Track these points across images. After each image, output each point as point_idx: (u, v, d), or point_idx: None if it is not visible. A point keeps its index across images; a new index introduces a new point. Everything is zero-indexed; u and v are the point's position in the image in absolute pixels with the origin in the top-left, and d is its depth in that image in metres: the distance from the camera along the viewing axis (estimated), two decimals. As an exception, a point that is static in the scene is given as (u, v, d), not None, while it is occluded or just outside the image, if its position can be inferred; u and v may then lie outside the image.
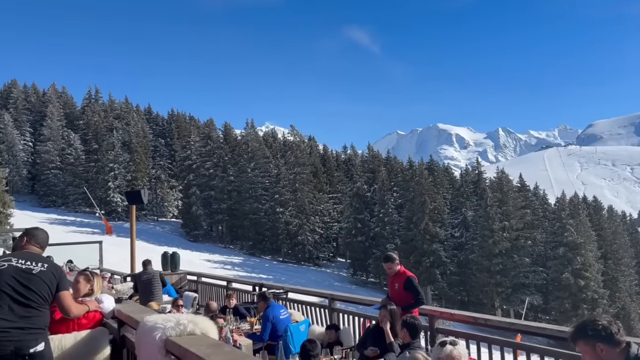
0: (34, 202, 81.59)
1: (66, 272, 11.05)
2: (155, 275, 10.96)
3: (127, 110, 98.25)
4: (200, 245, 73.77)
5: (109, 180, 79.44)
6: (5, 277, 3.42)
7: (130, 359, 4.07)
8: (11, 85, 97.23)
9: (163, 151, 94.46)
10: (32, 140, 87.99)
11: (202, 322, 3.09)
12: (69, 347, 3.96)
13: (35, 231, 3.95)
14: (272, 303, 7.74)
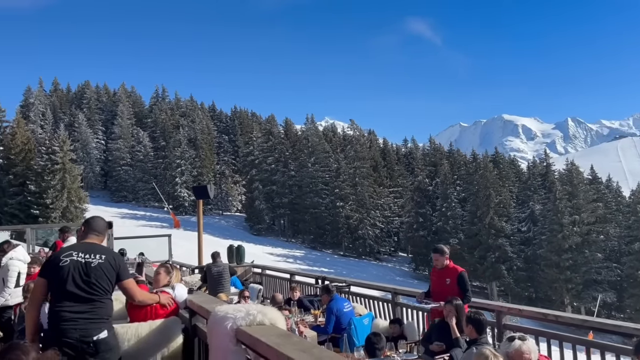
0: (106, 197, 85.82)
1: (137, 263, 11.58)
2: (225, 268, 11.30)
3: (192, 108, 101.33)
4: (263, 239, 75.16)
5: (176, 176, 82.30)
6: (68, 272, 3.63)
7: (202, 348, 4.22)
8: (84, 86, 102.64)
9: (227, 147, 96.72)
10: (104, 139, 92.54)
11: (270, 313, 3.16)
12: (144, 335, 4.16)
13: (92, 220, 4.10)
14: (335, 296, 7.80)
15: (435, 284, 6.97)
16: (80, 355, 3.50)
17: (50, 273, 3.68)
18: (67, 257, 3.67)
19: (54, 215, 56.81)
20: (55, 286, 3.66)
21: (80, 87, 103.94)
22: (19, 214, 57.00)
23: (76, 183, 61.99)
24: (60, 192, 59.13)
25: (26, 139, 64.44)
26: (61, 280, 3.61)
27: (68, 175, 60.46)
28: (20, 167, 60.94)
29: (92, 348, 3.54)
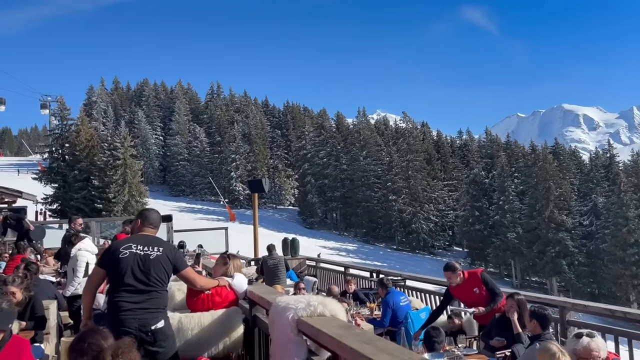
0: (165, 191, 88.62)
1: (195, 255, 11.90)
2: (281, 260, 11.47)
3: (246, 103, 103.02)
4: (315, 232, 75.61)
5: (231, 170, 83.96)
6: (128, 264, 3.75)
7: (262, 338, 4.29)
8: (143, 84, 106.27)
9: (279, 142, 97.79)
10: (163, 135, 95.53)
11: (331, 304, 3.18)
12: (206, 325, 4.27)
13: (148, 213, 4.21)
14: (392, 289, 7.76)
15: (465, 298, 6.70)
16: (139, 344, 3.64)
17: (110, 264, 3.82)
18: (127, 250, 3.79)
19: (116, 209, 59.17)
20: (115, 277, 3.80)
21: (139, 85, 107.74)
22: (84, 207, 59.64)
23: (137, 178, 64.29)
24: (121, 186, 61.51)
25: (90, 136, 67.28)
26: (121, 272, 3.73)
27: (129, 170, 62.80)
28: (85, 162, 63.72)
29: (151, 337, 3.66)
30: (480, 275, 6.50)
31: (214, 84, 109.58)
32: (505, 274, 66.49)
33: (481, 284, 6.41)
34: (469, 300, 6.60)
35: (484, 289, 6.38)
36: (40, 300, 5.51)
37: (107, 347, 2.39)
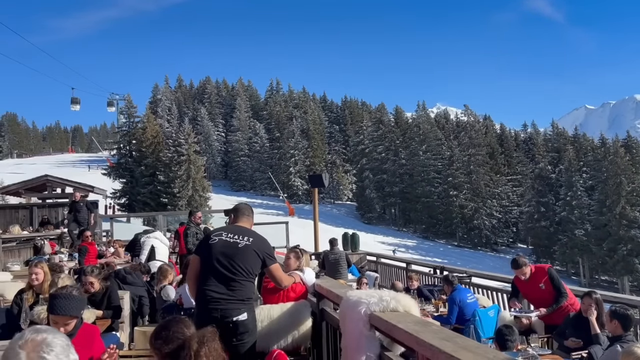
0: (227, 186, 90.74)
1: None
2: (342, 255, 11.45)
3: (304, 99, 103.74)
4: (374, 228, 75.25)
5: (290, 165, 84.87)
6: (215, 251, 3.77)
7: (330, 332, 4.28)
8: (206, 82, 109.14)
9: (337, 137, 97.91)
10: (224, 131, 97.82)
11: (404, 300, 3.12)
12: (276, 317, 4.30)
13: (241, 206, 4.26)
14: (458, 286, 7.57)
15: (529, 293, 6.51)
16: (220, 335, 3.68)
17: (202, 250, 3.89)
18: (217, 237, 3.85)
19: (181, 204, 61.15)
20: (203, 263, 3.84)
21: (201, 82, 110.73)
22: (150, 202, 62.03)
23: (200, 173, 66.17)
24: (185, 181, 63.50)
25: (155, 132, 69.81)
26: (208, 257, 3.78)
27: (192, 166, 64.71)
28: (151, 158, 66.20)
29: (233, 328, 3.66)
30: (548, 271, 6.32)
31: (273, 80, 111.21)
32: (572, 272, 63.76)
33: (548, 280, 6.23)
34: (533, 295, 6.44)
35: (550, 285, 6.20)
36: (117, 290, 5.73)
37: (192, 335, 2.42)
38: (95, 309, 5.20)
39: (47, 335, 1.67)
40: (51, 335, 1.68)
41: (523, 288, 6.54)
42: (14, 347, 1.62)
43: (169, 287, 6.69)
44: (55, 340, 1.67)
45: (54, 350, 1.63)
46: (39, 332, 1.68)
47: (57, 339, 1.69)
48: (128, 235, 15.24)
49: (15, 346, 1.63)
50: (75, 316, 3.39)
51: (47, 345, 1.64)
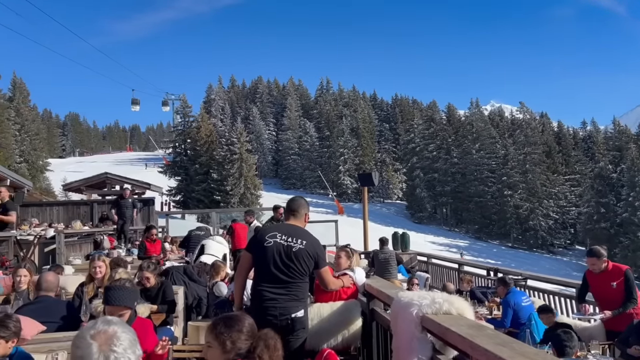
0: (277, 184, 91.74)
1: None
2: (392, 255, 11.34)
3: (354, 98, 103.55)
4: (424, 227, 74.23)
5: (339, 164, 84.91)
6: (270, 254, 3.82)
7: (380, 332, 4.23)
8: (257, 82, 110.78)
9: (387, 135, 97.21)
10: (275, 130, 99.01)
11: (457, 302, 3.04)
12: (326, 316, 4.30)
13: (295, 202, 4.23)
14: (513, 289, 7.35)
15: (598, 289, 6.16)
16: (278, 331, 3.72)
17: (256, 250, 3.93)
18: (271, 239, 3.87)
19: (233, 201, 62.33)
20: (259, 265, 3.91)
21: (253, 82, 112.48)
22: (204, 199, 63.56)
23: (251, 171, 67.25)
24: (238, 179, 64.66)
25: (209, 131, 71.43)
26: (264, 260, 3.83)
27: (244, 164, 65.82)
28: (205, 157, 67.79)
29: (290, 325, 3.74)
30: (625, 273, 5.95)
31: (323, 79, 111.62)
32: (635, 276, 60.75)
33: (622, 281, 5.89)
34: (602, 293, 6.12)
35: (622, 287, 5.86)
36: (171, 286, 5.88)
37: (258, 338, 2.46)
38: (151, 304, 5.34)
39: (117, 328, 1.73)
40: (120, 329, 1.74)
41: (593, 282, 6.22)
42: (85, 337, 1.68)
43: (221, 283, 6.81)
44: (124, 334, 1.73)
45: (123, 344, 1.69)
46: (109, 324, 1.75)
47: (126, 332, 1.75)
48: (183, 232, 15.65)
49: (86, 336, 1.69)
50: (128, 307, 3.51)
51: (117, 339, 1.70)
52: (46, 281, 4.47)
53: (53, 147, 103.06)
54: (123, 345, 1.70)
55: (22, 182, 17.38)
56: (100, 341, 1.68)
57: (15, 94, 71.15)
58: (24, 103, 72.46)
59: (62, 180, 51.12)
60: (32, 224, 12.39)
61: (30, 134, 67.37)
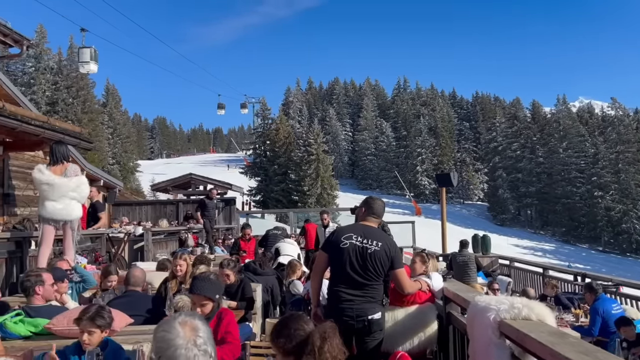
0: (353, 185, 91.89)
1: None
2: (471, 258, 11.02)
3: (432, 96, 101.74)
4: (507, 230, 71.56)
5: (416, 164, 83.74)
6: (346, 256, 3.80)
7: (457, 336, 4.14)
8: (334, 83, 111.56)
9: (467, 134, 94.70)
10: (351, 130, 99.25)
11: (538, 308, 2.92)
12: (400, 319, 4.25)
13: (372, 202, 4.14)
14: (602, 296, 6.93)
15: None
16: (355, 332, 3.74)
17: (331, 251, 3.93)
18: (347, 240, 3.85)
19: (310, 201, 63.14)
20: (334, 266, 3.92)
21: (330, 84, 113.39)
22: (282, 199, 64.86)
23: (328, 172, 67.83)
24: (315, 180, 65.43)
25: (287, 133, 72.80)
26: (340, 262, 3.83)
27: (321, 165, 66.50)
28: (283, 158, 69.18)
29: (367, 326, 3.73)
30: None
31: (400, 78, 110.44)
32: None
33: None
34: None
35: None
36: (250, 283, 6.05)
37: (314, 331, 2.47)
38: (230, 300, 5.53)
39: (199, 322, 1.90)
40: (202, 322, 1.92)
41: None
42: (174, 325, 1.85)
43: (297, 281, 6.93)
44: (205, 327, 1.91)
45: (204, 336, 1.86)
46: (194, 317, 1.92)
47: (206, 326, 1.92)
48: (262, 231, 16.08)
49: (175, 323, 1.85)
50: (210, 298, 3.65)
51: (201, 330, 1.87)
52: (134, 276, 4.76)
53: (142, 150, 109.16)
54: (204, 337, 1.86)
55: (114, 183, 18.54)
56: (187, 329, 1.84)
57: (108, 99, 75.97)
58: (116, 108, 77.21)
59: (151, 181, 54.06)
60: (123, 222, 13.18)
61: (121, 137, 71.66)
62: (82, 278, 5.99)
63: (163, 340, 1.81)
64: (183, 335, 1.81)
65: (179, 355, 1.78)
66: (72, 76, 57.79)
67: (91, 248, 9.77)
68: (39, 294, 4.15)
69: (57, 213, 6.48)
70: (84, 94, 58.33)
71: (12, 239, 7.29)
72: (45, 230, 6.53)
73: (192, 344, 1.81)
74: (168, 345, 1.80)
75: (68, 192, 6.49)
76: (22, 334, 3.70)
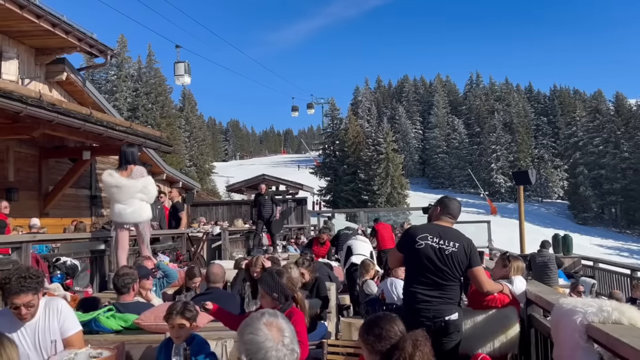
0: (424, 184, 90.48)
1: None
2: (552, 258, 10.60)
3: (507, 91, 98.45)
4: (589, 229, 67.92)
5: (491, 162, 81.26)
6: (422, 257, 3.74)
7: (539, 340, 4.00)
8: (403, 80, 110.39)
9: (545, 129, 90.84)
10: (422, 128, 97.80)
11: (629, 311, 2.77)
12: (479, 320, 4.15)
13: (448, 201, 4.07)
14: (700, 300, 6.45)
15: None
16: (432, 333, 3.69)
17: (406, 251, 3.90)
18: (422, 241, 3.79)
19: (380, 201, 62.85)
20: (410, 267, 3.90)
21: (399, 82, 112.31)
22: (352, 198, 64.96)
23: (398, 171, 67.24)
24: (384, 179, 65.06)
25: (356, 133, 72.82)
26: (416, 263, 3.79)
27: (391, 164, 66.04)
28: (352, 158, 69.27)
29: (444, 328, 3.66)
30: None
31: (472, 74, 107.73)
32: None
33: None
34: None
35: None
36: (324, 282, 6.12)
37: (406, 337, 2.45)
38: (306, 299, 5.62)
39: (282, 321, 1.94)
40: (284, 321, 1.95)
41: None
42: (260, 327, 1.89)
43: (370, 281, 6.93)
44: (289, 326, 1.95)
45: (289, 335, 1.90)
46: (277, 317, 1.96)
47: (289, 325, 1.96)
48: (332, 230, 16.22)
49: (260, 325, 1.89)
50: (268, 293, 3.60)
51: (286, 330, 1.91)
52: (213, 274, 4.95)
53: (217, 152, 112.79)
54: (290, 336, 1.90)
55: (192, 184, 19.34)
56: (273, 330, 1.88)
57: (185, 104, 79.09)
58: (192, 112, 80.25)
59: (226, 182, 55.79)
60: (201, 222, 13.70)
61: (197, 140, 74.43)
62: (165, 274, 6.30)
63: (252, 343, 1.85)
64: (271, 337, 1.84)
65: (270, 357, 1.82)
66: (151, 83, 60.77)
67: (172, 247, 10.23)
68: (130, 292, 4.41)
69: (127, 216, 6.60)
70: (162, 99, 61.16)
71: (94, 239, 7.72)
72: (119, 235, 6.71)
73: (281, 344, 1.85)
74: (258, 347, 1.83)
75: (136, 194, 6.61)
76: (114, 328, 3.96)
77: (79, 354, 2.65)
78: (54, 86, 13.00)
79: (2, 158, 11.04)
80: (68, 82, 13.21)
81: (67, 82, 13.16)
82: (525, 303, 4.24)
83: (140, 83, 60.75)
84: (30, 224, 9.73)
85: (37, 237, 6.95)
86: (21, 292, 2.90)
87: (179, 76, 19.77)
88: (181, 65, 19.71)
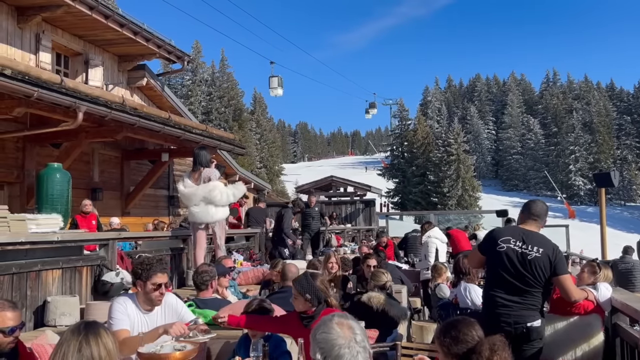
0: (497, 186, 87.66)
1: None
2: (636, 265, 9.99)
3: (586, 89, 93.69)
4: (680, 235, 63.20)
5: (569, 163, 77.60)
6: (504, 260, 3.64)
7: (626, 350, 3.83)
8: (475, 79, 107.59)
9: (629, 129, 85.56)
10: (495, 129, 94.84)
11: None
12: (561, 327, 4.01)
13: (531, 203, 3.96)
14: None
15: None
16: (512, 340, 3.58)
17: (488, 253, 3.83)
18: (504, 244, 3.70)
19: (450, 203, 61.49)
20: (491, 270, 3.81)
21: (471, 81, 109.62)
22: (421, 201, 63.94)
23: (469, 173, 65.53)
24: (455, 181, 63.58)
25: (425, 133, 71.70)
26: (497, 266, 3.71)
27: (462, 165, 64.44)
28: (421, 159, 68.24)
29: (525, 334, 3.56)
30: None
31: (549, 71, 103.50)
32: None
33: None
34: None
35: None
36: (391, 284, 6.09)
37: (484, 341, 2.40)
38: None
39: (352, 321, 1.97)
40: (354, 322, 1.98)
41: None
42: (332, 326, 1.92)
43: (443, 285, 6.82)
44: (359, 326, 1.97)
45: (360, 334, 1.92)
46: (347, 317, 1.99)
47: (359, 325, 1.98)
48: (401, 233, 16.06)
49: (333, 324, 1.93)
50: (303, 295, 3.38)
51: (357, 328, 1.93)
52: (290, 272, 5.08)
53: (286, 154, 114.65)
54: (361, 334, 1.92)
55: (263, 185, 19.84)
56: (344, 328, 1.91)
57: (256, 107, 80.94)
58: (263, 115, 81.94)
59: (294, 183, 56.60)
60: (272, 223, 13.98)
61: (268, 142, 75.89)
62: None
63: (325, 342, 1.89)
64: (343, 335, 1.88)
65: (344, 354, 1.85)
66: (224, 87, 62.69)
67: (246, 246, 10.52)
68: (209, 288, 4.61)
69: (199, 216, 7.10)
70: (234, 103, 62.97)
71: (174, 237, 8.11)
72: (197, 234, 7.20)
73: (353, 342, 1.88)
74: (332, 345, 1.87)
75: (199, 201, 7.06)
76: (195, 323, 4.15)
77: (164, 346, 2.79)
78: (135, 91, 13.72)
79: (87, 159, 11.78)
80: (148, 87, 13.91)
81: (147, 87, 13.86)
82: (610, 311, 4.05)
83: (213, 87, 62.84)
84: (109, 222, 10.36)
85: (122, 234, 7.39)
86: (164, 271, 3.29)
87: (272, 89, 21.81)
88: (275, 79, 21.73)
